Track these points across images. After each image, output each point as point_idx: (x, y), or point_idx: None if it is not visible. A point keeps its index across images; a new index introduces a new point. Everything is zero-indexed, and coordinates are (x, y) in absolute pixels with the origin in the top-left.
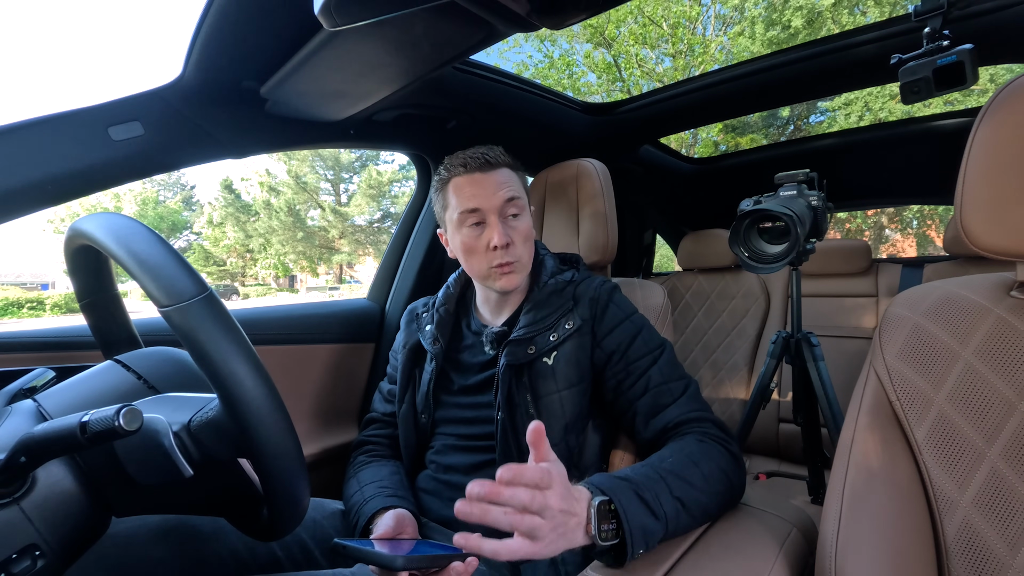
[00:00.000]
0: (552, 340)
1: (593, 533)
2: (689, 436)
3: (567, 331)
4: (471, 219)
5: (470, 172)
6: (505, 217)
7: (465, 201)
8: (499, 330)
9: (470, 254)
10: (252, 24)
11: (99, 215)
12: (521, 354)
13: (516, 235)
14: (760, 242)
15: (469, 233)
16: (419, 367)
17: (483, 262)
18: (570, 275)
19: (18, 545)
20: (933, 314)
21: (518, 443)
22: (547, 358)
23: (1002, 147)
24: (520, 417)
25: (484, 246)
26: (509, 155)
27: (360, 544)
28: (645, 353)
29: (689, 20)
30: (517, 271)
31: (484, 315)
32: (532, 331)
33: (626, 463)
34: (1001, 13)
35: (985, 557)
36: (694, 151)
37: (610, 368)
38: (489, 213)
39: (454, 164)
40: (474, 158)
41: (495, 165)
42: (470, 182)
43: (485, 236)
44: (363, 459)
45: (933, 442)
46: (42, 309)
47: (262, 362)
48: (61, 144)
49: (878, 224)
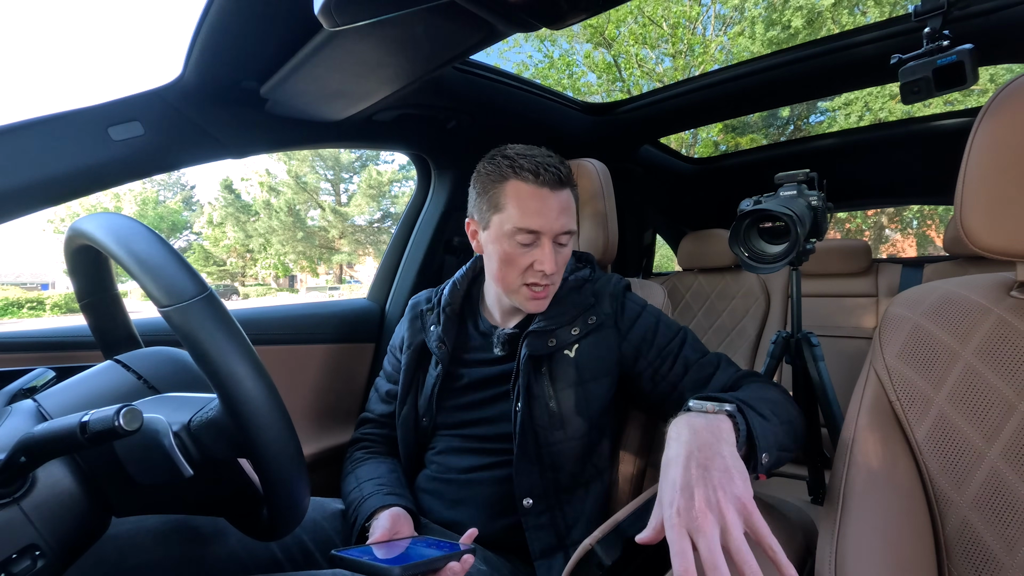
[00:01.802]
0: (574, 334)
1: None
2: (745, 386)
3: (590, 326)
4: (525, 238)
5: (540, 185)
6: (557, 243)
7: (527, 219)
8: (511, 332)
9: (508, 266)
10: (252, 24)
11: (99, 215)
12: (541, 346)
13: (560, 260)
14: (760, 242)
15: (516, 248)
16: (423, 369)
17: (518, 278)
18: (587, 272)
19: (18, 545)
20: (933, 314)
21: (535, 435)
22: (568, 350)
23: (1002, 147)
24: (539, 409)
25: (527, 265)
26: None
27: (357, 554)
28: (671, 337)
29: (689, 20)
30: (548, 296)
31: (494, 316)
32: (552, 324)
33: (631, 464)
34: (1001, 13)
35: (984, 557)
36: (694, 151)
37: (642, 359)
38: (545, 237)
39: (521, 166)
40: (548, 169)
41: (564, 184)
42: (536, 196)
43: (532, 256)
44: (360, 455)
45: (933, 442)
46: (42, 309)
47: (262, 362)
48: (61, 144)
49: (878, 224)
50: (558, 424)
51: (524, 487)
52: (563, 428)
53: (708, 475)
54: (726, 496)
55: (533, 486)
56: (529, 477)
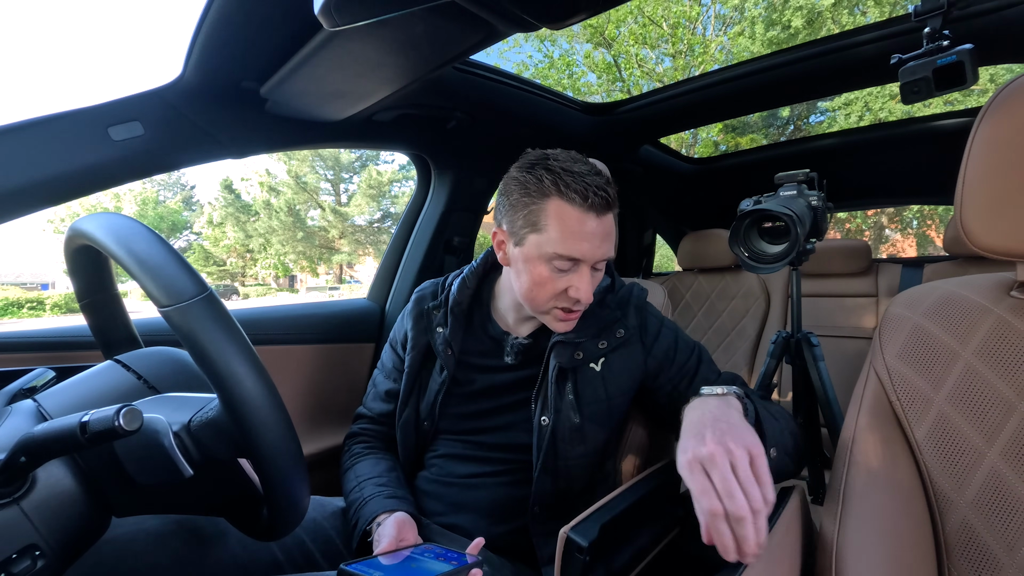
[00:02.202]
0: (601, 347)
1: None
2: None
3: (618, 340)
4: (564, 264)
5: (586, 210)
6: (595, 269)
7: (569, 246)
8: (526, 343)
9: (540, 287)
10: (252, 24)
11: (99, 215)
12: (568, 357)
13: (595, 284)
14: (760, 242)
15: (553, 272)
16: (427, 372)
17: (550, 300)
18: (608, 282)
19: (18, 545)
20: (933, 314)
21: (555, 449)
22: (595, 364)
23: (1002, 147)
24: (562, 423)
25: (562, 289)
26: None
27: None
28: (689, 354)
29: (689, 20)
30: (578, 317)
31: (506, 321)
32: (579, 337)
33: (631, 464)
34: (1001, 13)
35: (984, 557)
36: (694, 151)
37: (664, 375)
38: (585, 265)
39: (568, 184)
40: (598, 193)
41: (611, 208)
42: (582, 221)
43: (568, 281)
44: (359, 449)
45: (933, 442)
46: (42, 309)
47: (262, 362)
48: (61, 144)
49: (878, 224)
50: (579, 439)
51: (537, 496)
52: (583, 443)
53: (718, 426)
54: (735, 439)
55: (545, 495)
56: (542, 487)
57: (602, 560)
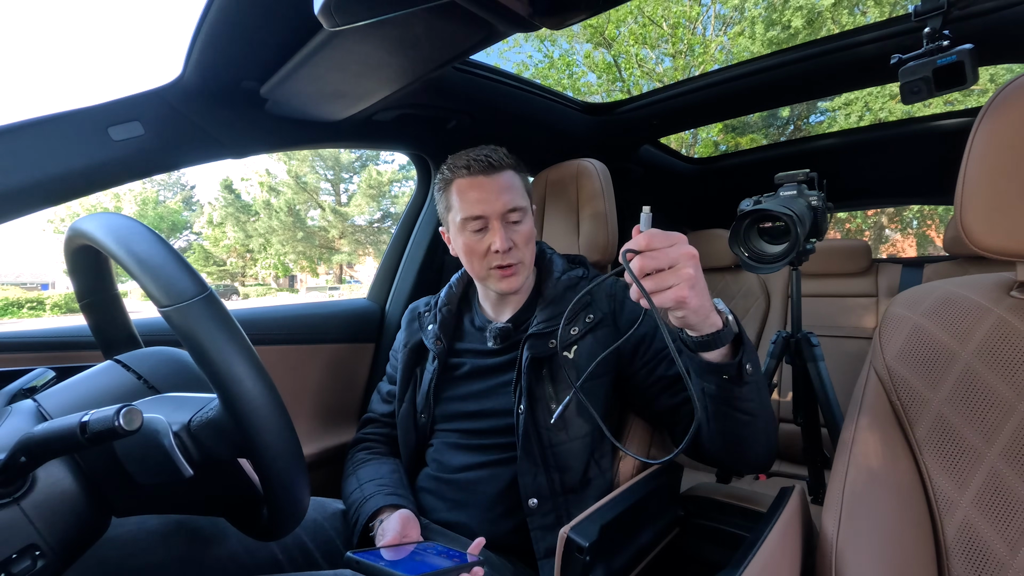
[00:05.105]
0: (573, 334)
1: (726, 315)
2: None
3: (588, 325)
4: (474, 224)
5: (473, 175)
6: (508, 222)
7: (468, 207)
8: (503, 326)
9: (471, 256)
10: (252, 24)
11: (99, 215)
12: (543, 347)
13: (518, 238)
14: (760, 242)
15: (471, 236)
16: (420, 366)
17: (483, 264)
18: (581, 272)
19: (18, 545)
20: (933, 314)
21: (539, 437)
22: (568, 352)
23: (1002, 147)
24: (542, 411)
25: (485, 249)
26: (512, 156)
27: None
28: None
29: (689, 20)
30: (518, 273)
31: (487, 311)
32: (551, 325)
33: (631, 463)
34: (1001, 13)
35: (985, 557)
36: (694, 151)
37: (639, 358)
38: (492, 219)
39: (457, 165)
40: (477, 160)
41: (498, 168)
42: (473, 186)
43: (487, 240)
44: (362, 456)
45: (933, 442)
46: (42, 309)
47: (262, 362)
48: (61, 144)
49: (878, 224)
50: (560, 425)
51: (529, 488)
52: (565, 429)
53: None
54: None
55: (539, 487)
56: (534, 478)
57: (602, 560)
